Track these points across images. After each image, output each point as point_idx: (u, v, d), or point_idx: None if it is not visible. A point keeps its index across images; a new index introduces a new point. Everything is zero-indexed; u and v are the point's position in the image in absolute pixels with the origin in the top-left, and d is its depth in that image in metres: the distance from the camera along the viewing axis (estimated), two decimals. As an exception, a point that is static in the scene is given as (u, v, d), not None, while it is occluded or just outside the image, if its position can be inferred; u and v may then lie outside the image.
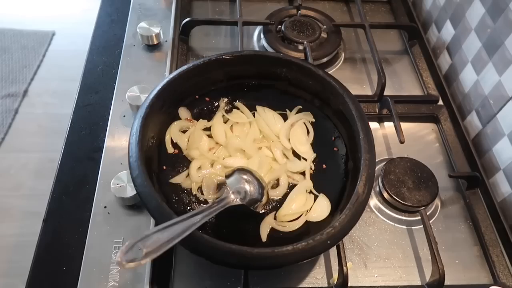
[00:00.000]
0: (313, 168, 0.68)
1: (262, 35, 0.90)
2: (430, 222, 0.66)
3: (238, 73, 0.71)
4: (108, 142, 0.71)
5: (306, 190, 0.65)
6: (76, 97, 0.78)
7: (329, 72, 0.69)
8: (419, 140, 0.80)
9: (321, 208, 0.62)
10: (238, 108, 0.73)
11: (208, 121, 0.70)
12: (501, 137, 0.71)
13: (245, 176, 0.61)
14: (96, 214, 0.63)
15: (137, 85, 0.73)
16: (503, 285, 0.62)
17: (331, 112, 0.69)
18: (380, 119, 0.81)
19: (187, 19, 0.87)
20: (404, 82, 0.88)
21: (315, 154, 0.69)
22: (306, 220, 0.62)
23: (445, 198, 0.72)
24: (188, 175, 0.65)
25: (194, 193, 0.63)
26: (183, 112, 0.70)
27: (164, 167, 0.64)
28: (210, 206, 0.54)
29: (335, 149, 0.68)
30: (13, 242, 1.53)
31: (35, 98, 2.00)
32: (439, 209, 0.70)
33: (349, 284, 0.58)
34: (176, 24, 0.89)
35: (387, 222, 0.68)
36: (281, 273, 0.62)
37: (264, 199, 0.61)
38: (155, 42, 0.84)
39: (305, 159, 0.68)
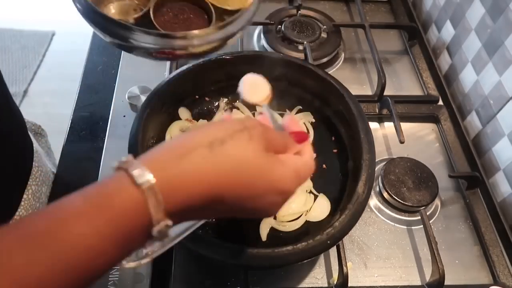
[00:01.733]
0: (313, 168, 0.68)
1: (262, 35, 0.90)
2: (430, 222, 0.66)
3: (238, 73, 0.71)
4: (108, 142, 0.71)
5: (306, 190, 0.65)
6: (76, 97, 0.78)
7: (329, 72, 0.69)
8: (419, 140, 0.80)
9: (321, 208, 0.62)
10: (238, 108, 0.72)
11: (208, 121, 0.70)
12: (501, 137, 0.71)
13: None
14: (96, 214, 0.63)
15: (137, 85, 0.73)
16: (503, 285, 0.62)
17: (331, 112, 0.69)
18: (380, 119, 0.81)
19: (187, 19, 0.87)
20: (404, 82, 0.88)
21: (315, 154, 0.69)
22: (306, 220, 0.62)
23: (445, 198, 0.72)
24: (188, 175, 0.65)
25: (194, 193, 0.63)
26: (183, 112, 0.69)
27: (164, 167, 0.64)
28: (210, 206, 0.53)
29: (334, 149, 0.68)
30: (13, 242, 1.53)
31: (35, 98, 2.00)
32: (439, 209, 0.70)
33: (349, 284, 0.58)
34: (176, 24, 0.88)
35: (387, 222, 0.68)
36: (281, 273, 0.62)
37: (264, 199, 0.61)
38: (155, 42, 0.84)
39: (305, 159, 0.68)
